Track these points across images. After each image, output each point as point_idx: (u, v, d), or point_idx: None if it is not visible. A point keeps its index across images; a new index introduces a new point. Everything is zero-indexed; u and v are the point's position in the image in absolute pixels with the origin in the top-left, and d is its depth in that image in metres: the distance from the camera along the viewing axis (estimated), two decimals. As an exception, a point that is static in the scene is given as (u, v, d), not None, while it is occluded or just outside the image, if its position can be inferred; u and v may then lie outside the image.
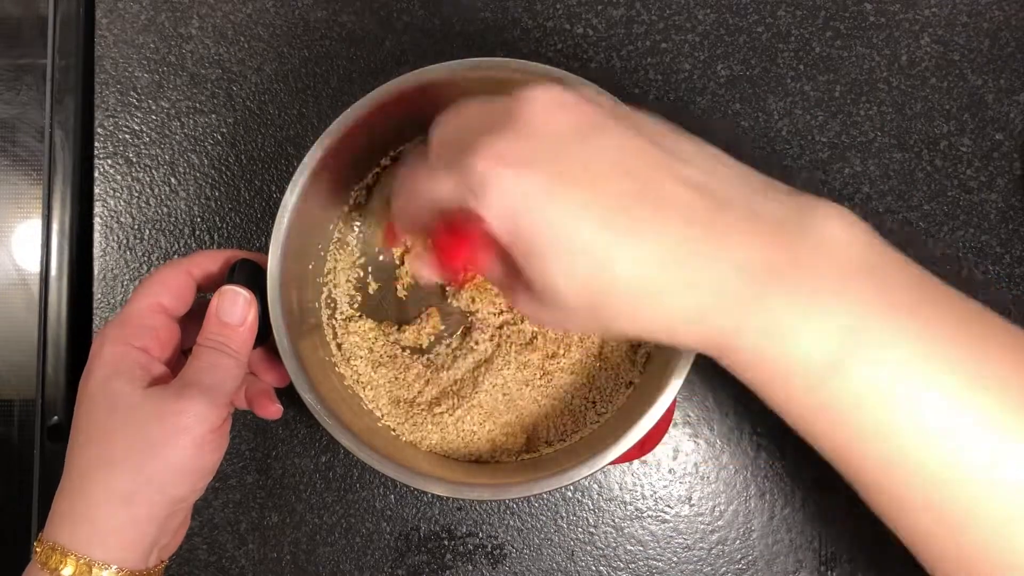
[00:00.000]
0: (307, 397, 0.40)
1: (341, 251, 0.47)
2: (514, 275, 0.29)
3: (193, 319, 0.39)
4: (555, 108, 0.27)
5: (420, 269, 0.33)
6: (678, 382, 0.39)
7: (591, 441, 0.44)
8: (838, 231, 0.27)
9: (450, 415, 0.45)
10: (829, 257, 0.27)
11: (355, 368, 0.46)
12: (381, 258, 0.47)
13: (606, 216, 0.26)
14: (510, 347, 0.45)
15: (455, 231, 0.29)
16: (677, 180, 0.27)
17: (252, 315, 0.38)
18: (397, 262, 0.47)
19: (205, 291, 0.40)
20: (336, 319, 0.47)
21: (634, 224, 0.26)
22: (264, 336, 0.40)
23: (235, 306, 0.38)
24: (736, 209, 0.27)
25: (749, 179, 0.29)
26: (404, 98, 0.42)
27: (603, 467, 0.39)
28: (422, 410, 0.46)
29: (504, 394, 0.45)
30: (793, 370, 0.27)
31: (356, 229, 0.47)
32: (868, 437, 0.27)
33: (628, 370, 0.45)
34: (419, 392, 0.46)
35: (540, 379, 0.45)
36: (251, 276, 0.40)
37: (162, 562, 0.38)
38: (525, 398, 0.45)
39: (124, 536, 0.34)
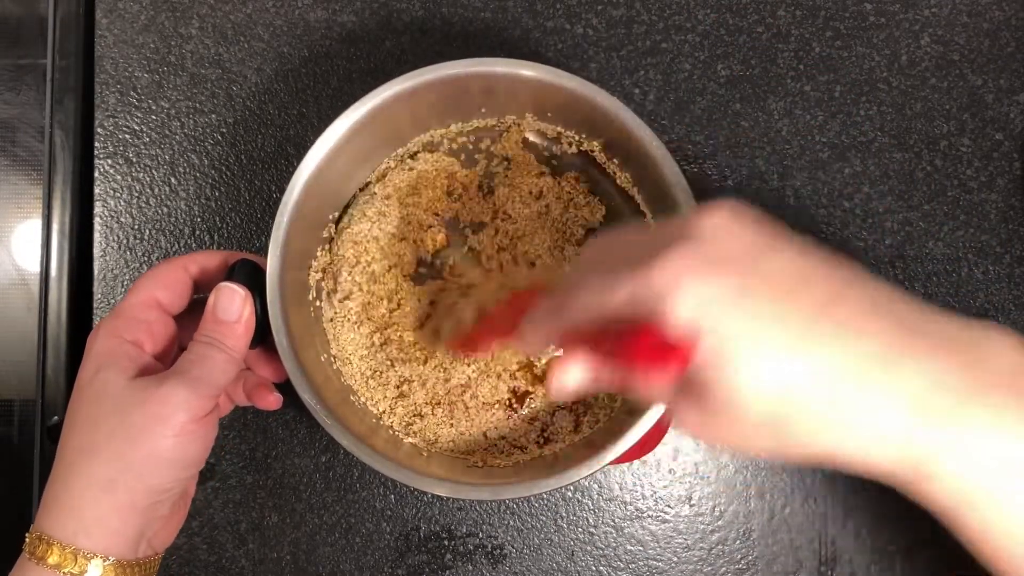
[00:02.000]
0: (306, 397, 0.40)
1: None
2: (685, 390, 0.28)
3: (194, 318, 0.39)
4: (737, 223, 0.28)
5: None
6: None
7: (591, 441, 0.44)
8: (1014, 353, 0.27)
9: (449, 415, 0.45)
10: (1018, 379, 0.26)
11: (354, 367, 0.46)
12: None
13: (799, 325, 0.26)
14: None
15: (626, 343, 0.28)
16: (860, 298, 0.27)
17: (248, 312, 0.38)
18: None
19: (204, 291, 0.40)
20: (336, 319, 0.46)
21: (827, 334, 0.26)
22: (263, 335, 0.40)
23: (231, 303, 0.38)
24: (914, 332, 0.27)
25: (904, 298, 0.28)
26: (407, 96, 0.42)
27: (603, 467, 0.39)
28: (422, 410, 0.46)
29: (505, 394, 0.45)
30: (1008, 492, 0.26)
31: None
32: None
33: None
34: (419, 392, 0.46)
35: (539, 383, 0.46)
36: (250, 275, 0.40)
37: (156, 554, 0.38)
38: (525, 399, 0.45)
39: (107, 525, 0.34)
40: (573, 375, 0.31)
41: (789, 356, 0.25)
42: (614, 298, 0.28)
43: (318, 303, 0.46)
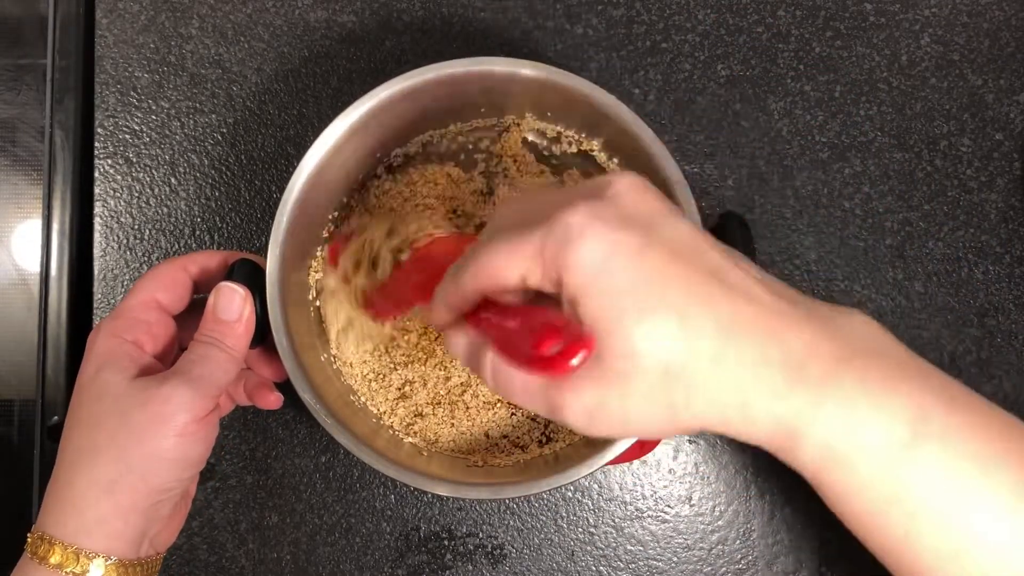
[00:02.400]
0: (306, 397, 0.40)
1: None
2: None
3: (194, 318, 0.39)
4: (642, 190, 0.29)
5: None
6: None
7: (592, 440, 0.44)
8: (876, 333, 0.29)
9: (450, 414, 0.45)
10: (881, 354, 0.28)
11: (354, 367, 0.46)
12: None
13: (693, 286, 0.27)
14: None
15: (513, 315, 0.29)
16: (744, 273, 0.28)
17: (248, 312, 0.39)
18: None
19: (204, 291, 0.40)
20: (336, 318, 0.47)
21: (716, 297, 0.27)
22: (262, 336, 0.40)
23: (231, 303, 0.38)
24: (793, 303, 0.29)
25: (775, 282, 0.30)
26: (406, 96, 0.42)
27: (604, 465, 0.39)
28: (423, 409, 0.46)
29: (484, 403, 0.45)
30: (866, 454, 0.27)
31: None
32: (932, 524, 0.28)
33: None
34: (420, 392, 0.46)
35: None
36: (250, 275, 0.40)
37: (158, 554, 0.38)
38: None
39: (110, 525, 0.34)
40: (458, 343, 0.32)
41: (682, 314, 0.27)
42: (521, 250, 0.28)
43: (318, 303, 0.46)
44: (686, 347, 0.27)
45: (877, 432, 0.27)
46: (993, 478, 0.27)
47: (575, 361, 0.26)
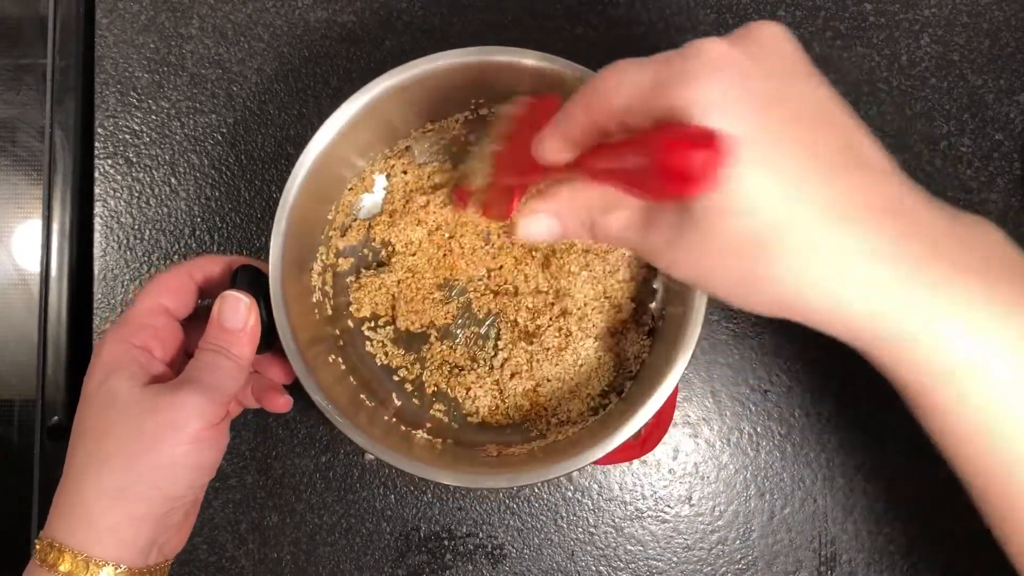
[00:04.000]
0: (317, 398, 0.40)
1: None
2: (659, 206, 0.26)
3: (200, 324, 0.39)
4: (785, 40, 0.27)
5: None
6: (686, 355, 0.39)
7: (595, 429, 0.44)
8: (1004, 245, 0.27)
9: (456, 393, 0.46)
10: (1009, 268, 0.26)
11: (362, 364, 0.46)
12: (383, 253, 0.48)
13: (817, 150, 0.25)
14: (516, 335, 0.46)
15: (649, 140, 0.26)
16: (881, 151, 0.27)
17: (252, 319, 0.38)
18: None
19: (208, 297, 0.40)
20: (340, 317, 0.47)
21: (836, 173, 0.25)
22: (269, 341, 0.40)
23: (236, 312, 0.38)
24: (918, 193, 0.27)
25: (906, 177, 0.28)
26: (403, 89, 0.42)
27: (621, 443, 0.39)
28: (428, 399, 0.46)
29: (512, 373, 0.46)
30: (982, 370, 0.25)
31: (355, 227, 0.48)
32: None
33: (636, 340, 0.46)
34: (424, 385, 0.46)
35: (550, 354, 0.46)
36: (253, 281, 0.40)
37: (166, 561, 0.38)
38: (535, 373, 0.46)
39: (121, 534, 0.34)
40: (539, 224, 0.31)
41: (794, 180, 0.25)
42: (641, 66, 0.26)
43: (323, 304, 0.46)
44: (790, 216, 0.25)
45: (1001, 351, 0.25)
46: None
47: (713, 161, 0.23)
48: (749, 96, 0.25)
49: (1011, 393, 0.25)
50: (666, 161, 0.24)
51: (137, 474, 0.34)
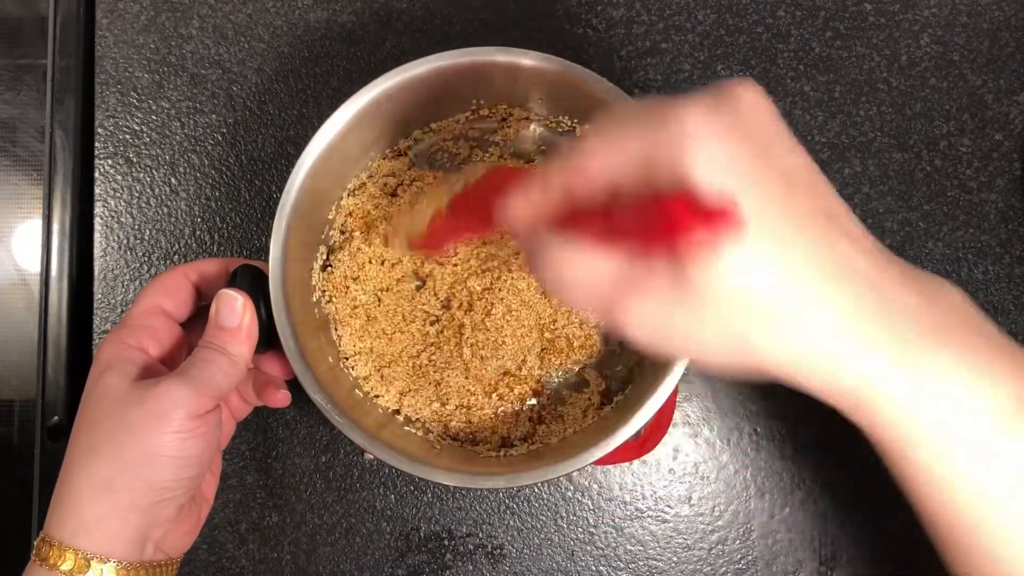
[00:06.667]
0: (317, 397, 0.40)
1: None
2: (655, 271, 0.26)
3: (202, 324, 0.39)
4: (764, 107, 0.27)
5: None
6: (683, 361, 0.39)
7: (595, 429, 0.44)
8: (970, 307, 0.28)
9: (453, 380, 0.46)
10: (975, 328, 0.27)
11: (361, 364, 0.46)
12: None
13: (800, 219, 0.25)
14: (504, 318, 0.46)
15: (645, 211, 0.25)
16: (856, 220, 0.27)
17: (248, 317, 0.39)
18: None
19: (209, 298, 0.40)
20: (340, 316, 0.47)
21: (823, 238, 0.26)
22: (269, 339, 0.40)
23: (232, 310, 0.38)
24: (888, 257, 0.27)
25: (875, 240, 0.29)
26: (402, 89, 0.42)
27: (621, 443, 0.39)
28: (427, 389, 0.46)
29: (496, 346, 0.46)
30: (959, 436, 0.26)
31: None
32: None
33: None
34: (426, 377, 0.46)
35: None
36: (252, 281, 0.40)
37: (171, 559, 0.38)
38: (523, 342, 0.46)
39: (108, 525, 0.34)
40: (527, 246, 0.30)
41: (784, 247, 0.25)
42: (622, 138, 0.26)
43: (322, 304, 0.46)
44: (781, 285, 0.25)
45: (970, 413, 0.26)
46: None
47: (725, 230, 0.23)
48: (739, 163, 0.25)
49: (978, 455, 0.26)
50: (677, 225, 0.24)
51: (123, 463, 0.34)
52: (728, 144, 0.25)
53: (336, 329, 0.46)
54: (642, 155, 0.25)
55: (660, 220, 0.24)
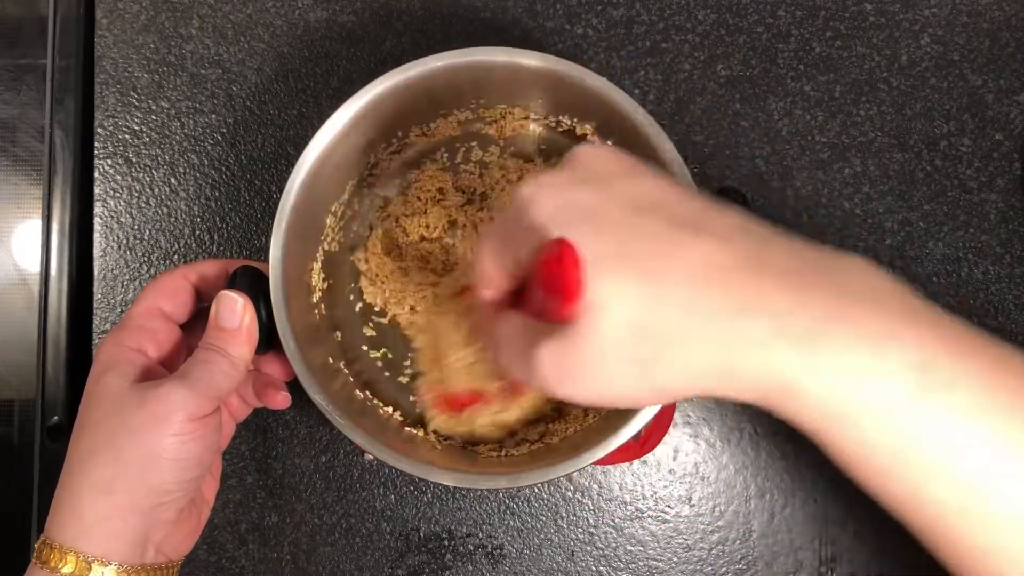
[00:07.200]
0: (318, 399, 0.40)
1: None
2: (547, 329, 0.28)
3: (202, 326, 0.39)
4: (600, 154, 0.30)
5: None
6: None
7: (595, 429, 0.44)
8: (877, 279, 0.27)
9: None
10: (879, 302, 0.26)
11: (362, 364, 0.46)
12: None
13: (654, 236, 0.26)
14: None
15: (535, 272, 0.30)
16: (724, 219, 0.27)
17: (248, 318, 0.39)
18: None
19: (208, 300, 0.40)
20: (340, 317, 0.47)
21: (684, 246, 0.26)
22: (270, 340, 0.40)
23: (231, 311, 0.38)
24: (785, 251, 0.27)
25: (763, 229, 0.29)
26: (401, 89, 0.42)
27: (621, 444, 0.39)
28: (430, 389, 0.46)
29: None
30: (870, 408, 0.26)
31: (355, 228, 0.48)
32: (942, 474, 0.26)
33: None
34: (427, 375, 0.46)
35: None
36: (252, 282, 0.40)
37: (172, 562, 0.38)
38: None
39: (108, 527, 0.34)
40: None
41: (645, 267, 0.26)
42: (487, 247, 0.31)
43: (323, 305, 0.46)
44: (651, 301, 0.25)
45: (878, 383, 0.25)
46: (1007, 426, 0.25)
47: (578, 292, 0.26)
48: (573, 207, 0.27)
49: (901, 421, 0.25)
50: (546, 277, 0.27)
51: (124, 465, 0.34)
52: (565, 193, 0.28)
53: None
54: (504, 236, 0.30)
55: (540, 277, 0.28)
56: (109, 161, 0.51)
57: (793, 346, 0.25)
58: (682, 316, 0.25)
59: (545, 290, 0.27)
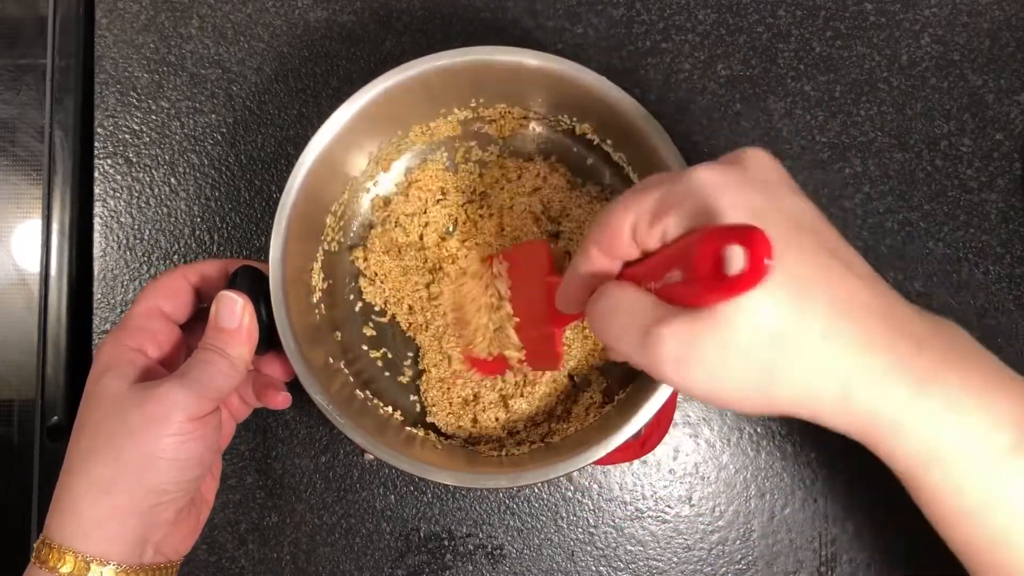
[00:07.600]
0: (318, 399, 0.40)
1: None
2: (681, 314, 0.28)
3: (202, 326, 0.39)
4: (769, 161, 0.30)
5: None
6: None
7: (595, 429, 0.44)
8: (972, 341, 0.30)
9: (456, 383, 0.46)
10: (978, 362, 0.29)
11: (362, 364, 0.46)
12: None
13: (810, 257, 0.27)
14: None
15: (688, 250, 0.28)
16: (861, 258, 0.29)
17: (247, 319, 0.39)
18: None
19: (208, 300, 0.40)
20: (340, 317, 0.47)
21: (833, 275, 0.27)
22: (270, 340, 0.40)
23: (231, 312, 0.38)
24: (900, 305, 0.29)
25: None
26: (401, 88, 0.42)
27: (621, 443, 0.39)
28: (431, 386, 0.46)
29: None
30: (966, 455, 0.28)
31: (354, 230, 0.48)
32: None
33: None
34: (421, 389, 0.46)
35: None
36: (252, 282, 0.40)
37: (171, 562, 0.38)
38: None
39: (107, 527, 0.34)
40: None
41: (798, 284, 0.26)
42: (639, 200, 0.29)
43: (322, 305, 0.46)
44: (796, 315, 0.26)
45: (980, 435, 0.27)
46: None
47: (768, 260, 0.24)
48: (755, 207, 0.27)
49: (996, 471, 0.28)
50: (712, 259, 0.25)
51: (123, 465, 0.34)
52: (743, 190, 0.27)
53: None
54: (660, 205, 0.28)
55: (700, 257, 0.26)
56: (109, 161, 0.51)
57: (909, 386, 0.27)
58: (819, 338, 0.27)
59: (701, 272, 0.26)
